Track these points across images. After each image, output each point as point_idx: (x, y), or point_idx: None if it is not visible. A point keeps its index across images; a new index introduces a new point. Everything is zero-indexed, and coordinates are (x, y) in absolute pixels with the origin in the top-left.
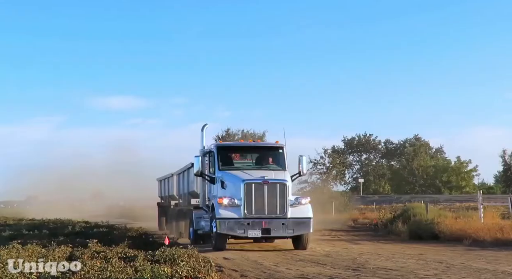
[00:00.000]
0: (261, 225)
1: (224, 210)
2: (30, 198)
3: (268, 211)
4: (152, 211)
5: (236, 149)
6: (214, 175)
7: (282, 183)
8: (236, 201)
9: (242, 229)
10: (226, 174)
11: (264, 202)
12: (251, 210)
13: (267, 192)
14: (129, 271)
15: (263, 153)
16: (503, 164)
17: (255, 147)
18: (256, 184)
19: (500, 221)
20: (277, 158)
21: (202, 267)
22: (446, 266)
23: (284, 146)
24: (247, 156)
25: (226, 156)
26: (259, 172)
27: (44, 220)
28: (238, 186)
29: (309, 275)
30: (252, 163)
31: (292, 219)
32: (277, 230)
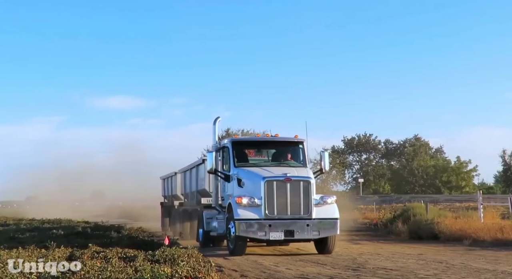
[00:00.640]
0: (283, 227)
1: (244, 210)
2: (30, 198)
3: (291, 211)
4: (152, 211)
5: (253, 144)
6: (229, 172)
7: (306, 180)
8: (256, 200)
9: (263, 231)
10: (243, 171)
11: (287, 202)
12: (272, 210)
13: (290, 191)
14: (129, 271)
15: (281, 148)
16: (503, 164)
17: (273, 142)
18: (278, 182)
19: (500, 221)
20: (296, 154)
21: (202, 267)
22: (446, 266)
23: (304, 140)
24: (262, 152)
25: (242, 152)
26: (278, 169)
27: (44, 220)
28: (258, 184)
29: (309, 275)
30: (268, 160)
31: (317, 219)
32: (301, 232)
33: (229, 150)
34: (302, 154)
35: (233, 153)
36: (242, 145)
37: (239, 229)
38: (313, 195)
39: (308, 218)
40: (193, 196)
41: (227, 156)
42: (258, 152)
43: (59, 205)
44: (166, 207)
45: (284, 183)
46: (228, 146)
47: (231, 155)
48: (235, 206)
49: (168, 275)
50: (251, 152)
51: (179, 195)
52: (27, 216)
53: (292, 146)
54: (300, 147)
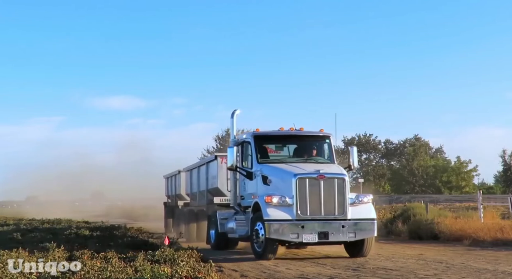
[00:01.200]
0: (317, 228)
1: (274, 210)
2: (30, 198)
3: (325, 211)
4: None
5: (277, 138)
6: (251, 169)
7: (341, 177)
8: (287, 199)
9: (295, 233)
10: (268, 168)
11: (321, 201)
12: (305, 210)
13: (324, 189)
14: (129, 271)
15: (307, 143)
16: (503, 164)
17: (298, 136)
18: (311, 179)
19: (500, 221)
20: (323, 149)
21: (202, 267)
22: (446, 266)
23: (332, 135)
24: (282, 147)
25: (264, 147)
26: (308, 165)
27: (44, 220)
28: (288, 182)
29: (309, 275)
30: (289, 155)
31: (353, 220)
32: (336, 233)
33: (251, 144)
34: (330, 149)
35: (255, 148)
36: (265, 140)
37: (269, 231)
38: (348, 194)
39: (343, 219)
40: (202, 195)
41: (248, 151)
42: (277, 147)
43: (59, 205)
44: (169, 207)
45: (317, 181)
46: (249, 140)
47: (253, 151)
48: (264, 205)
49: (168, 275)
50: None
51: (183, 195)
52: (27, 216)
53: (318, 140)
54: (327, 142)
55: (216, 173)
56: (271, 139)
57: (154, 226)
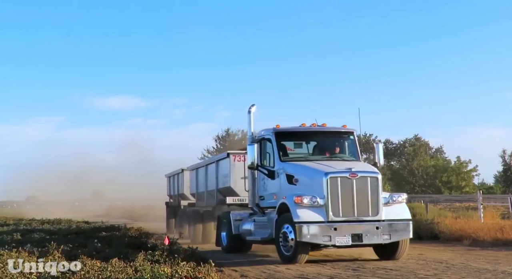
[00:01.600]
0: (350, 230)
1: (305, 212)
2: (30, 198)
3: (358, 212)
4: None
5: (300, 135)
6: (273, 168)
7: (374, 176)
8: (318, 199)
9: (328, 236)
10: (294, 166)
11: (353, 201)
12: (337, 211)
13: (356, 188)
14: (129, 271)
15: (329, 139)
16: (503, 164)
17: (322, 133)
18: (343, 178)
19: (500, 221)
20: (347, 146)
21: (202, 267)
22: (446, 266)
23: (356, 131)
24: (301, 144)
25: (285, 144)
26: (336, 163)
27: (44, 220)
28: (318, 181)
29: (309, 275)
30: (308, 153)
31: (388, 221)
32: (370, 236)
33: (272, 142)
34: (354, 145)
35: (277, 146)
36: (286, 136)
37: (300, 234)
38: (381, 193)
39: (377, 220)
40: (211, 195)
41: (268, 149)
42: (296, 144)
43: (59, 205)
44: (171, 207)
45: (349, 180)
46: (270, 137)
47: (274, 148)
48: (293, 206)
49: (168, 275)
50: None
51: (187, 194)
52: (27, 216)
53: (342, 136)
54: (350, 138)
55: (228, 172)
56: (292, 136)
57: (154, 226)
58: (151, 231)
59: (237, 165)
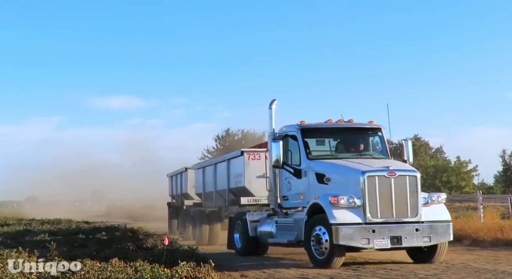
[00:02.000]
0: (389, 232)
1: (341, 213)
2: (30, 198)
3: (396, 213)
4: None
5: (327, 131)
6: (299, 166)
7: (413, 175)
8: (356, 200)
9: (366, 238)
10: (325, 164)
11: (392, 201)
12: (375, 212)
13: (395, 187)
14: (129, 271)
15: (357, 136)
16: (503, 164)
17: (349, 129)
18: (381, 177)
19: (500, 221)
20: (375, 143)
21: (202, 267)
22: (446, 266)
23: (384, 127)
24: (323, 141)
25: (316, 141)
26: (369, 161)
27: (44, 220)
28: (354, 180)
29: (309, 275)
30: (330, 150)
31: (427, 222)
32: (409, 238)
33: (298, 139)
34: (382, 142)
35: (303, 143)
36: (313, 133)
37: (337, 236)
38: (420, 193)
39: (417, 221)
40: (220, 195)
41: (292, 146)
42: (318, 141)
43: (59, 205)
44: (174, 208)
45: (387, 178)
46: (295, 134)
47: (301, 145)
48: (328, 207)
49: (168, 275)
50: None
51: (190, 194)
52: (27, 216)
53: (370, 133)
54: (379, 135)
55: (242, 170)
56: (319, 132)
57: (155, 226)
58: (152, 231)
59: (251, 164)
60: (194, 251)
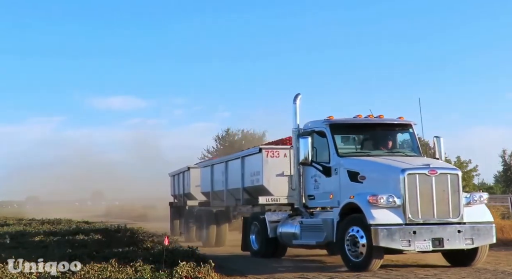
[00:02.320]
0: (430, 234)
1: (381, 213)
2: (30, 198)
3: (437, 214)
4: (153, 211)
5: (357, 127)
6: (329, 164)
7: (454, 173)
8: (396, 199)
9: (407, 240)
10: (358, 162)
11: (433, 201)
12: (416, 213)
13: (436, 186)
14: (129, 271)
15: (387, 133)
16: (503, 164)
17: (380, 125)
18: (421, 175)
19: (500, 221)
20: (407, 140)
21: (202, 267)
22: (446, 266)
23: (416, 123)
24: (349, 138)
25: (341, 138)
26: (405, 159)
27: (44, 220)
28: (393, 178)
29: (309, 275)
30: (355, 148)
31: (470, 224)
32: (451, 240)
33: (327, 135)
34: (413, 139)
35: (333, 139)
36: (342, 129)
37: (377, 238)
38: (462, 192)
39: (458, 222)
40: (231, 195)
41: (318, 142)
42: (344, 138)
43: (59, 205)
44: (176, 208)
45: (428, 177)
46: (323, 130)
47: (330, 142)
48: (366, 206)
49: (168, 275)
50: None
51: (193, 194)
52: (27, 216)
53: (400, 129)
54: (410, 131)
55: (260, 168)
56: (349, 128)
57: (155, 226)
58: (152, 231)
59: (270, 161)
60: (194, 251)
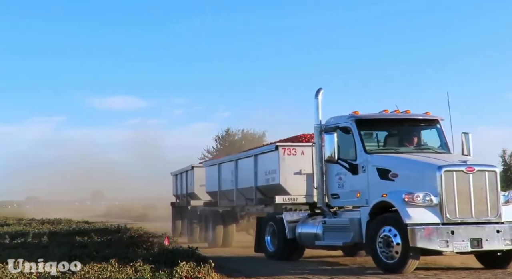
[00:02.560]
0: (468, 234)
1: (418, 212)
2: (30, 198)
3: (475, 213)
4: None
5: (383, 123)
6: (356, 161)
7: (492, 170)
8: (432, 197)
9: (445, 240)
10: (388, 159)
11: (470, 199)
12: (453, 212)
13: (474, 184)
14: (129, 271)
15: (414, 129)
16: (503, 164)
17: (407, 121)
18: (459, 173)
19: None
20: (434, 136)
21: (202, 267)
22: (446, 267)
23: (442, 119)
24: (371, 134)
25: (368, 134)
26: (438, 156)
27: (44, 220)
28: (429, 176)
29: (309, 275)
30: (377, 145)
31: (508, 223)
32: (490, 240)
33: (353, 131)
34: (441, 136)
35: (359, 135)
36: (369, 125)
37: (414, 238)
38: (500, 190)
39: (497, 222)
40: (241, 194)
41: (343, 139)
42: (366, 134)
43: (59, 205)
44: (178, 208)
45: (465, 174)
46: (348, 126)
47: (357, 138)
48: (402, 205)
49: (168, 275)
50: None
51: (197, 194)
52: (27, 216)
53: (427, 125)
54: (437, 127)
55: (276, 167)
56: (375, 124)
57: (155, 226)
58: (152, 231)
59: (287, 159)
60: (194, 251)
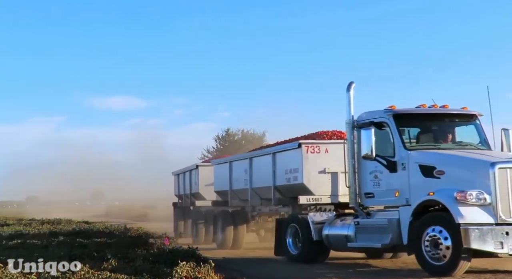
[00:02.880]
0: None
1: (471, 211)
2: (30, 198)
3: None
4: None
5: (421, 118)
6: (394, 158)
7: None
8: (486, 196)
9: (499, 242)
10: (432, 155)
11: None
12: (508, 211)
13: None
14: (129, 271)
15: (452, 124)
16: None
17: (448, 115)
18: None
19: None
20: (473, 132)
21: (202, 267)
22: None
23: (481, 115)
24: (404, 130)
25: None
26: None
27: (43, 220)
28: (481, 173)
29: (309, 275)
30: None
31: None
32: None
33: (390, 126)
34: (480, 132)
35: (398, 131)
36: (406, 120)
37: (467, 239)
38: None
39: None
40: (256, 194)
41: (379, 135)
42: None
43: (59, 205)
44: (180, 208)
45: None
46: (385, 121)
47: (395, 134)
48: (453, 204)
49: (168, 275)
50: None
51: (202, 194)
52: (27, 216)
53: (468, 120)
54: (477, 123)
55: (299, 165)
56: (414, 119)
57: (155, 226)
58: (152, 231)
59: (310, 157)
60: (194, 251)
